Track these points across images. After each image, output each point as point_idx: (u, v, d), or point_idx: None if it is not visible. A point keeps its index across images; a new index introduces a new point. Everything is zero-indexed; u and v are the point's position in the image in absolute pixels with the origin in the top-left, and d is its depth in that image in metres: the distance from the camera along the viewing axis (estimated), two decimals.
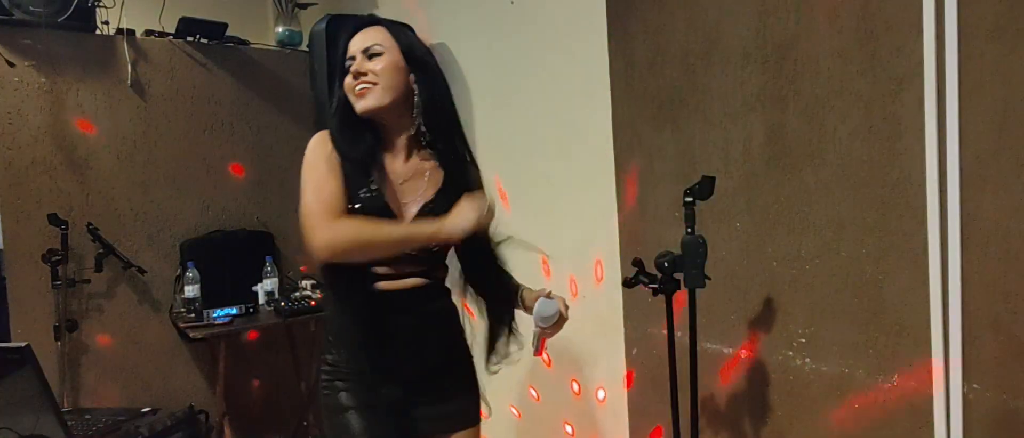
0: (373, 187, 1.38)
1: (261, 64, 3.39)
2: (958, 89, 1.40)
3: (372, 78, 1.40)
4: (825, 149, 1.65)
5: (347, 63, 1.43)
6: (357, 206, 1.36)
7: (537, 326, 1.49)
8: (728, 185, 1.84)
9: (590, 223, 2.33)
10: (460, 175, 1.48)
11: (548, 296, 1.48)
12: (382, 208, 1.38)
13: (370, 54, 1.42)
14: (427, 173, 1.46)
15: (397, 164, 1.46)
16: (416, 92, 1.43)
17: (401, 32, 1.46)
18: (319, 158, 1.39)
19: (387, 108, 1.41)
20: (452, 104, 1.49)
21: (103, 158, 3.02)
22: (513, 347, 1.54)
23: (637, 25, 2.09)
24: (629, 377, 2.25)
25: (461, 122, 1.52)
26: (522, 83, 2.57)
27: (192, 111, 3.23)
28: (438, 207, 1.41)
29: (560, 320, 1.47)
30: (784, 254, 1.76)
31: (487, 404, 1.61)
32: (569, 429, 2.52)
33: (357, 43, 1.43)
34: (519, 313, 1.56)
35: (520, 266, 1.62)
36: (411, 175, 1.45)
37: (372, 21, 1.48)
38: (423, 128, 1.44)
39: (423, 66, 1.45)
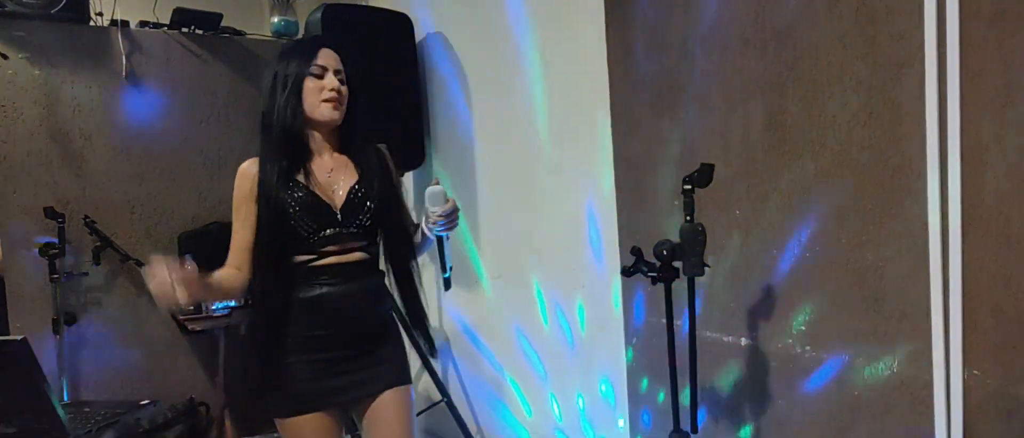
0: (300, 193, 1.62)
1: (257, 55, 3.37)
2: (959, 74, 1.39)
3: (341, 99, 1.66)
4: (825, 135, 1.63)
5: (316, 71, 1.64)
6: (295, 211, 1.61)
7: (433, 218, 1.62)
8: (727, 172, 1.83)
9: (589, 211, 2.33)
10: (374, 166, 1.72)
11: (435, 183, 1.66)
12: (312, 202, 1.62)
13: (340, 78, 1.67)
14: (348, 164, 1.71)
15: (324, 159, 1.70)
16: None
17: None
18: (239, 194, 1.66)
19: (339, 123, 1.69)
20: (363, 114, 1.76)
21: (99, 150, 3.01)
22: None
23: (635, 12, 2.07)
24: (628, 367, 2.25)
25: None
26: (520, 72, 2.56)
27: (188, 102, 3.21)
28: (363, 188, 1.67)
29: (449, 201, 1.62)
30: (784, 241, 1.75)
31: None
32: (571, 419, 2.52)
33: (329, 61, 1.66)
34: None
35: (518, 256, 1.60)
36: (337, 165, 1.70)
37: (330, 44, 1.71)
38: (348, 134, 1.72)
39: (356, 93, 1.71)
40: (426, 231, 1.69)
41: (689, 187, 1.53)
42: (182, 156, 3.20)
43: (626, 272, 1.67)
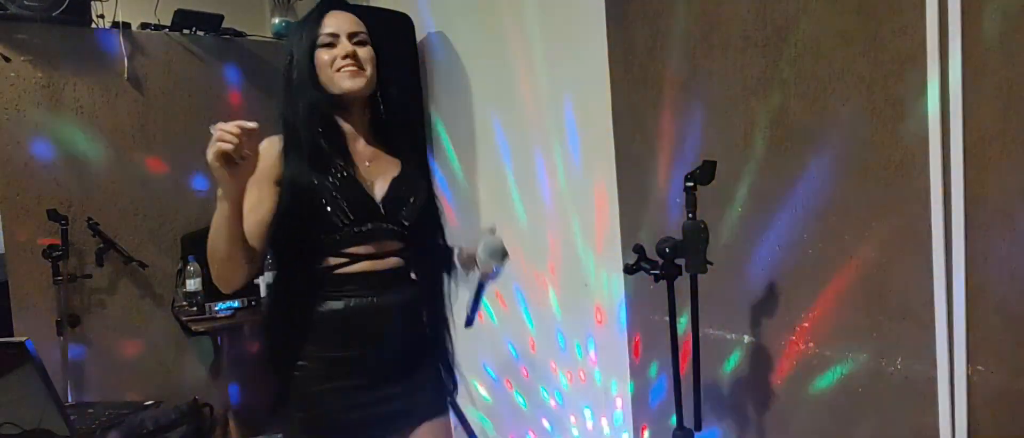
0: (338, 179, 1.40)
1: (258, 56, 3.38)
2: (961, 69, 1.39)
3: (361, 64, 1.44)
4: (827, 132, 1.63)
5: (326, 40, 1.43)
6: (331, 197, 1.38)
7: (484, 269, 1.47)
8: (729, 170, 1.82)
9: (591, 209, 2.33)
10: (415, 162, 1.54)
11: (491, 232, 1.49)
12: (353, 189, 1.40)
13: (358, 41, 1.46)
14: (388, 157, 1.51)
15: (359, 146, 1.49)
16: (380, 84, 1.51)
17: (369, 25, 1.51)
18: (256, 173, 1.34)
19: (365, 95, 1.47)
20: (406, 93, 1.55)
21: (102, 152, 3.01)
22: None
23: (636, 9, 2.07)
24: (631, 364, 2.25)
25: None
26: (520, 70, 2.56)
27: (190, 104, 3.22)
28: (405, 183, 1.48)
29: (506, 257, 1.50)
30: (786, 239, 1.75)
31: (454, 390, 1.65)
32: (573, 418, 2.52)
33: (340, 24, 1.45)
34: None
35: (519, 254, 1.60)
36: (374, 156, 1.50)
37: (345, 5, 1.51)
38: (383, 116, 1.52)
39: (386, 61, 1.52)
40: (460, 267, 1.54)
41: (691, 184, 1.52)
42: (184, 158, 3.20)
43: (629, 270, 1.66)
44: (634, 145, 2.14)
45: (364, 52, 1.45)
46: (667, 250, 1.56)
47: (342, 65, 1.42)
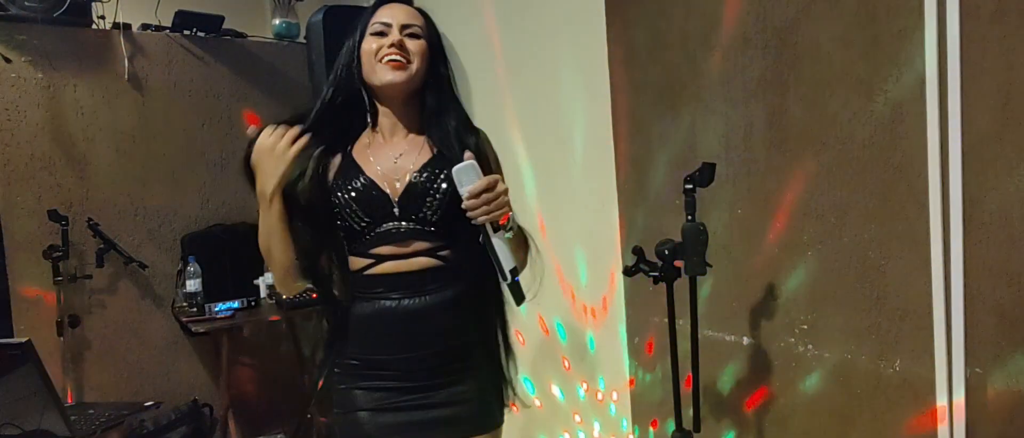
0: (357, 181, 1.37)
1: (259, 57, 3.38)
2: (960, 72, 1.39)
3: (408, 57, 1.38)
4: (826, 134, 1.64)
5: (377, 28, 1.39)
6: (344, 199, 1.36)
7: (464, 202, 1.28)
8: (729, 171, 1.83)
9: (590, 211, 2.33)
10: (455, 148, 1.39)
11: (467, 159, 1.33)
12: (370, 191, 1.36)
13: (410, 33, 1.40)
14: (423, 146, 1.42)
15: (395, 142, 1.43)
16: (429, 80, 1.43)
17: (431, 22, 1.46)
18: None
19: (408, 90, 1.40)
20: (454, 88, 1.49)
21: (102, 153, 3.02)
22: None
23: (636, 11, 2.07)
24: (630, 367, 2.26)
25: (460, 102, 1.50)
26: (521, 72, 2.56)
27: (190, 105, 3.22)
28: (430, 173, 1.37)
29: (482, 179, 1.28)
30: (786, 240, 1.75)
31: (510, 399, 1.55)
32: (576, 418, 2.53)
33: (395, 14, 1.41)
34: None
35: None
36: (408, 149, 1.42)
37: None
38: (430, 110, 1.43)
39: (442, 61, 1.46)
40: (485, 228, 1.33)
41: (691, 186, 1.53)
42: (184, 158, 3.20)
43: (628, 272, 1.67)
44: (634, 146, 2.14)
45: (414, 45, 1.39)
46: (666, 252, 1.56)
47: (387, 54, 1.36)
